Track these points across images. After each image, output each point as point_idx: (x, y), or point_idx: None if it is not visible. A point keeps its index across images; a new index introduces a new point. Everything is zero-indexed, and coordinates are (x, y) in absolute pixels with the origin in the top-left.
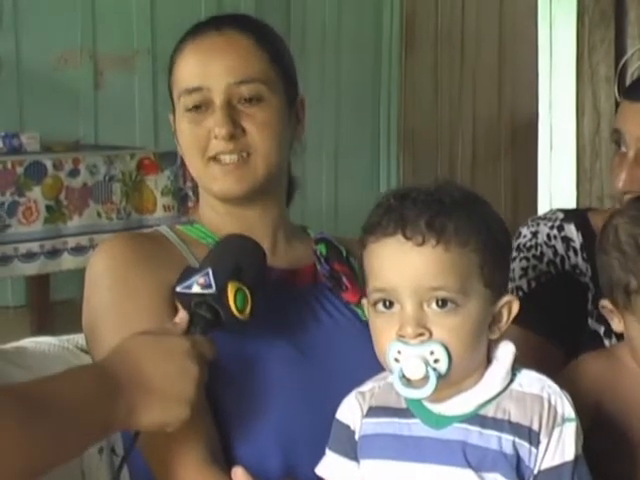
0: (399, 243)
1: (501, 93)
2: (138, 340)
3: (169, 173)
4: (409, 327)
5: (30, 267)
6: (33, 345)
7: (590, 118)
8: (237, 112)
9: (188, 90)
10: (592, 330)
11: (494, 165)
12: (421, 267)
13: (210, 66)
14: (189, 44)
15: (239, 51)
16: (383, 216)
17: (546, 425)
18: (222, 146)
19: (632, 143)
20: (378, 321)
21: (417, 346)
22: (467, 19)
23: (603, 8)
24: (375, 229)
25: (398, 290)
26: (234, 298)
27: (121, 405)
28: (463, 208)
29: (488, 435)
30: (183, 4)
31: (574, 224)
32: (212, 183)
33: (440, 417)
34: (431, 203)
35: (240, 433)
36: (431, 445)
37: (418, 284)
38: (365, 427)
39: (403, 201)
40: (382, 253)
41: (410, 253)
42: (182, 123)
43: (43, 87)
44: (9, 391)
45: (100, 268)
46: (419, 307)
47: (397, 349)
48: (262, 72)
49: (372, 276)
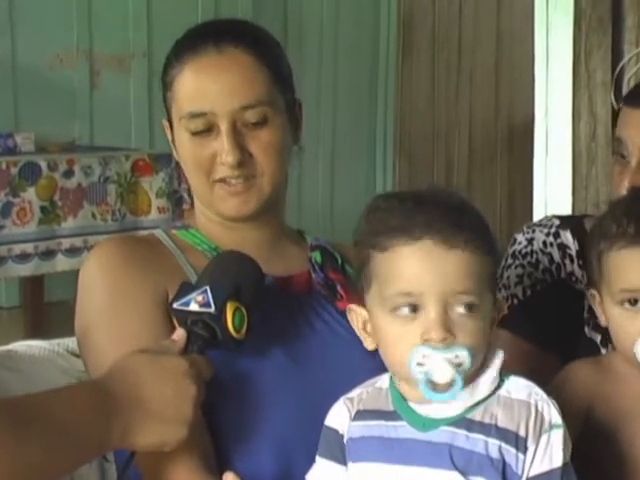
0: (427, 247)
1: (498, 97)
2: (137, 359)
3: (164, 175)
4: (436, 331)
5: (24, 268)
6: (24, 348)
7: (586, 123)
8: (242, 136)
9: (191, 114)
10: (589, 338)
11: (490, 168)
12: (450, 271)
13: (213, 89)
14: (188, 62)
15: (242, 72)
16: (406, 220)
17: (533, 431)
18: (229, 172)
19: (634, 151)
20: (397, 326)
21: (444, 350)
22: (464, 22)
23: (600, 13)
24: (399, 233)
25: (425, 294)
26: (232, 318)
27: (117, 425)
28: (475, 213)
29: (475, 439)
30: (179, 5)
31: (570, 231)
32: (219, 204)
33: (427, 420)
34: (452, 208)
35: (236, 444)
36: (417, 447)
37: (446, 288)
38: (353, 430)
39: (423, 205)
40: (409, 257)
41: (439, 257)
42: (183, 141)
43: (38, 87)
44: (0, 406)
45: (94, 272)
46: (444, 311)
47: (422, 353)
48: (266, 93)
49: (395, 280)
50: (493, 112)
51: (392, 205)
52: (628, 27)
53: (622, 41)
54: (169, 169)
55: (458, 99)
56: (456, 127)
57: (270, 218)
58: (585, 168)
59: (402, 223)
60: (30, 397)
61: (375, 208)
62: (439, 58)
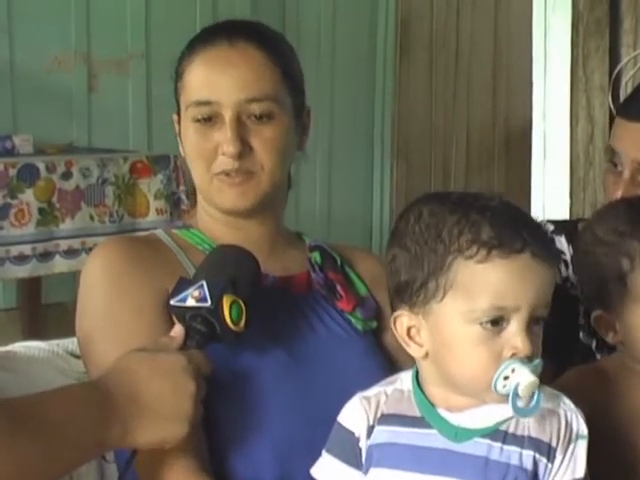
0: (528, 260)
1: (495, 100)
2: (135, 358)
3: (162, 177)
4: (525, 345)
5: (22, 270)
6: (22, 349)
7: (584, 126)
8: (246, 129)
9: (197, 102)
10: (584, 344)
11: (488, 171)
12: (544, 284)
13: (221, 80)
14: (199, 53)
15: (251, 66)
16: (501, 231)
17: (562, 441)
18: (229, 164)
19: (627, 163)
20: (481, 338)
21: (532, 364)
22: (462, 25)
23: (598, 16)
24: (499, 245)
25: (518, 309)
26: (229, 311)
27: (116, 424)
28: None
29: (510, 451)
30: (177, 8)
31: (564, 236)
32: (216, 196)
33: (460, 430)
34: (534, 221)
35: (235, 444)
36: (452, 458)
37: (538, 302)
38: (378, 435)
39: (514, 218)
40: (508, 270)
41: (535, 271)
42: (189, 130)
43: (37, 90)
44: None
45: (95, 272)
46: (529, 325)
47: (512, 367)
48: (274, 89)
49: (489, 293)
50: (491, 115)
51: (480, 215)
52: (625, 30)
53: (619, 44)
54: (167, 171)
55: (455, 102)
56: (454, 130)
57: (269, 217)
58: (583, 171)
59: (500, 235)
60: (28, 398)
61: (430, 212)
62: (437, 61)
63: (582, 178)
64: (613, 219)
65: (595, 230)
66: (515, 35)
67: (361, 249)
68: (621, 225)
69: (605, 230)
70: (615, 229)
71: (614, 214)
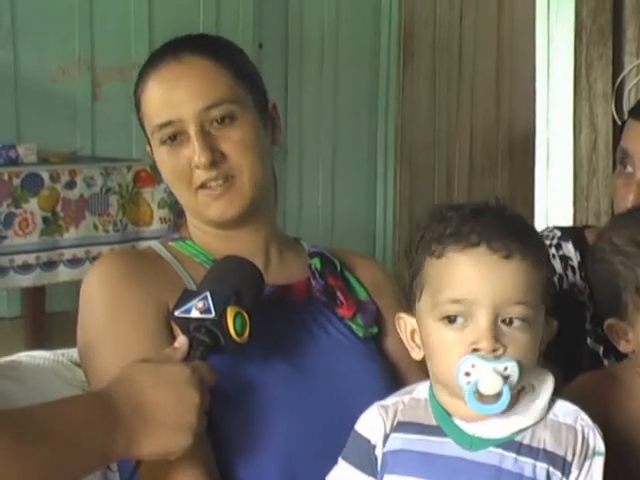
0: (484, 255)
1: (499, 105)
2: (139, 368)
3: (165, 186)
4: (486, 341)
5: (26, 279)
6: (27, 359)
7: (587, 134)
8: (212, 137)
9: (159, 125)
10: (591, 350)
11: (491, 178)
12: (507, 281)
13: (175, 96)
14: (150, 77)
15: (201, 76)
16: (462, 226)
17: (578, 457)
18: (206, 175)
19: (639, 165)
20: (446, 334)
21: (493, 361)
22: (465, 32)
23: (601, 25)
24: (455, 239)
25: (477, 303)
26: (233, 322)
27: (120, 435)
28: (532, 226)
29: (523, 462)
30: (181, 16)
31: (572, 242)
32: (203, 210)
33: (475, 439)
34: (509, 218)
35: (240, 454)
36: (464, 466)
37: (500, 298)
38: (392, 442)
39: (481, 214)
40: (463, 263)
41: (496, 266)
42: (161, 155)
43: (40, 98)
44: (4, 416)
45: (95, 286)
46: (495, 321)
47: (471, 363)
48: (228, 92)
49: (447, 287)
50: (494, 122)
51: (449, 214)
52: (628, 39)
53: (623, 52)
54: None
55: (459, 108)
56: (457, 136)
57: (260, 223)
58: (586, 178)
59: (458, 230)
60: (32, 409)
61: (431, 218)
62: (440, 67)
63: (585, 186)
64: (632, 228)
65: (613, 238)
66: (518, 42)
67: (362, 255)
68: None
69: (624, 239)
70: (634, 239)
71: (633, 223)
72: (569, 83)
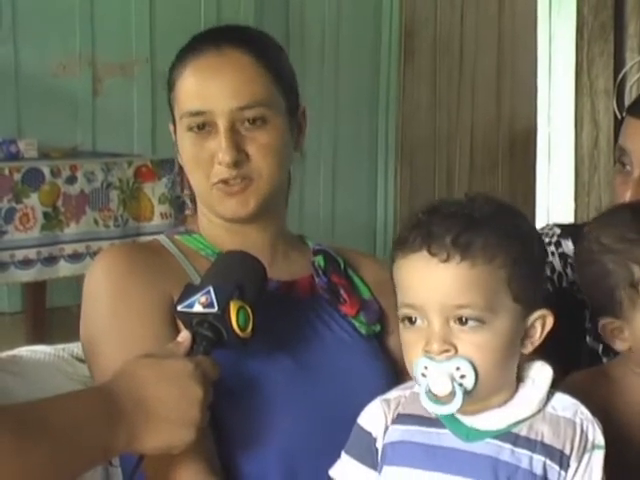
0: (425, 259)
1: (499, 104)
2: (142, 363)
3: (166, 181)
4: (435, 343)
5: (27, 274)
6: (28, 354)
7: (588, 131)
8: (241, 136)
9: (190, 113)
10: (590, 348)
11: (492, 176)
12: (446, 284)
13: (211, 89)
14: (189, 63)
15: (241, 72)
16: (411, 231)
17: (577, 450)
18: (226, 173)
19: (637, 162)
20: (406, 336)
21: (443, 362)
22: (466, 30)
23: (602, 21)
24: (402, 244)
25: (425, 306)
26: (236, 317)
27: (123, 429)
28: (493, 222)
29: (520, 454)
30: (182, 12)
31: (571, 240)
32: (217, 205)
33: (472, 430)
34: (460, 218)
35: (242, 448)
36: (460, 457)
37: (443, 301)
38: (392, 434)
39: (432, 216)
40: (409, 269)
41: (435, 269)
42: (184, 140)
43: (41, 94)
44: (5, 411)
45: (98, 280)
46: (445, 323)
47: (424, 365)
48: (265, 94)
49: (400, 292)
50: (495, 119)
51: (419, 216)
52: (630, 34)
53: (624, 48)
54: (171, 175)
55: (459, 106)
56: (457, 134)
57: (270, 222)
58: (587, 175)
59: (408, 235)
60: (33, 404)
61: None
62: (441, 65)
63: (587, 182)
64: (619, 226)
65: (600, 238)
66: (519, 39)
67: (365, 254)
68: (628, 232)
69: (613, 238)
70: (623, 236)
71: (619, 221)
72: (570, 79)
